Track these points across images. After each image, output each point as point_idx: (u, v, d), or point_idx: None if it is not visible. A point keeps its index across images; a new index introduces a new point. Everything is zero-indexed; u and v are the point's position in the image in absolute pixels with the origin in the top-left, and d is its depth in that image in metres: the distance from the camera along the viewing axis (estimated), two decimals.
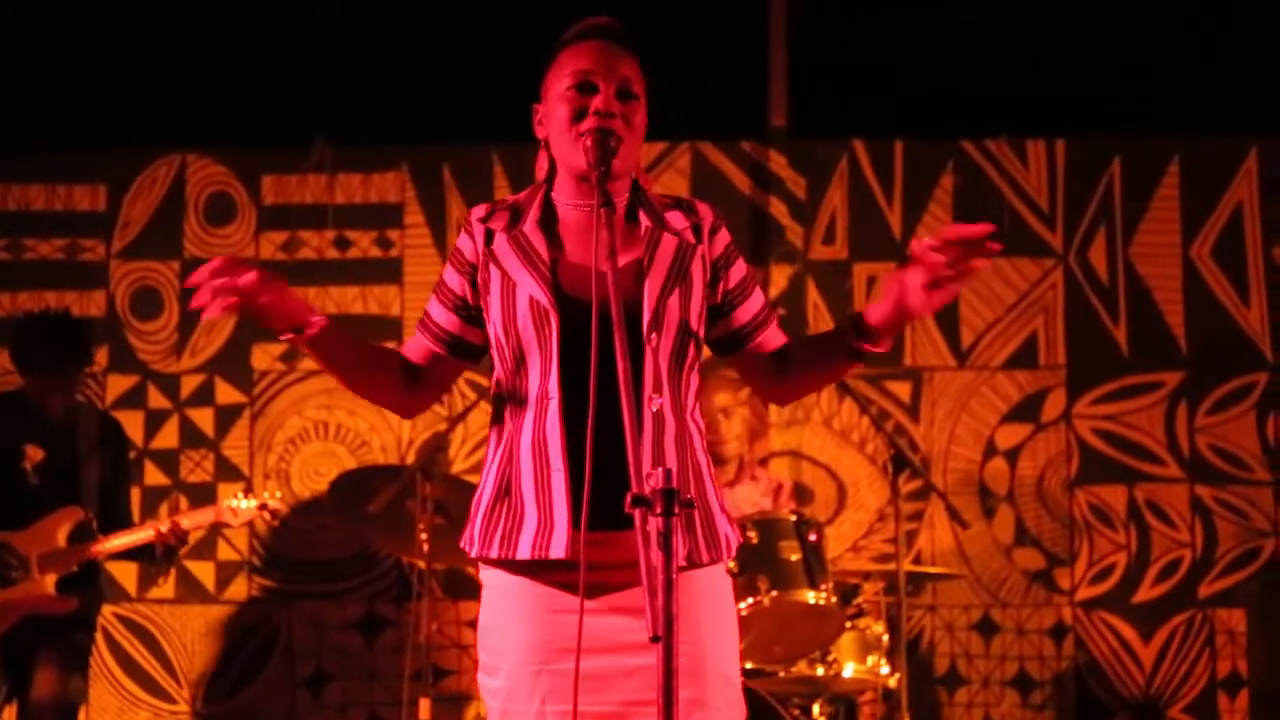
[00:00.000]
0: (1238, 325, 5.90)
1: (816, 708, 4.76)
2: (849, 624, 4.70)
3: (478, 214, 2.68)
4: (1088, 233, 5.96)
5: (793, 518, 4.64)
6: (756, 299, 2.74)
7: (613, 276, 2.37)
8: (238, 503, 5.07)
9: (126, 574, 5.86)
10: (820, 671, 4.67)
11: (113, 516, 5.14)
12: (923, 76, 5.80)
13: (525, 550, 2.52)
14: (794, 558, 4.53)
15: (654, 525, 2.09)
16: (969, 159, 6.00)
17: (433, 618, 5.00)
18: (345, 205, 6.08)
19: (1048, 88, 5.75)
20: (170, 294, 6.04)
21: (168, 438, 5.99)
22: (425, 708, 4.76)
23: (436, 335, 2.71)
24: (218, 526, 5.63)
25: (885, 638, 4.77)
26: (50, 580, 4.94)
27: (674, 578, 2.07)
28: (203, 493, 5.87)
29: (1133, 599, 5.78)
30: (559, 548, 2.49)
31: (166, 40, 5.86)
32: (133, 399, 5.99)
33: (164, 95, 5.85)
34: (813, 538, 4.59)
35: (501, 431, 2.62)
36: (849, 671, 4.69)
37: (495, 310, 2.59)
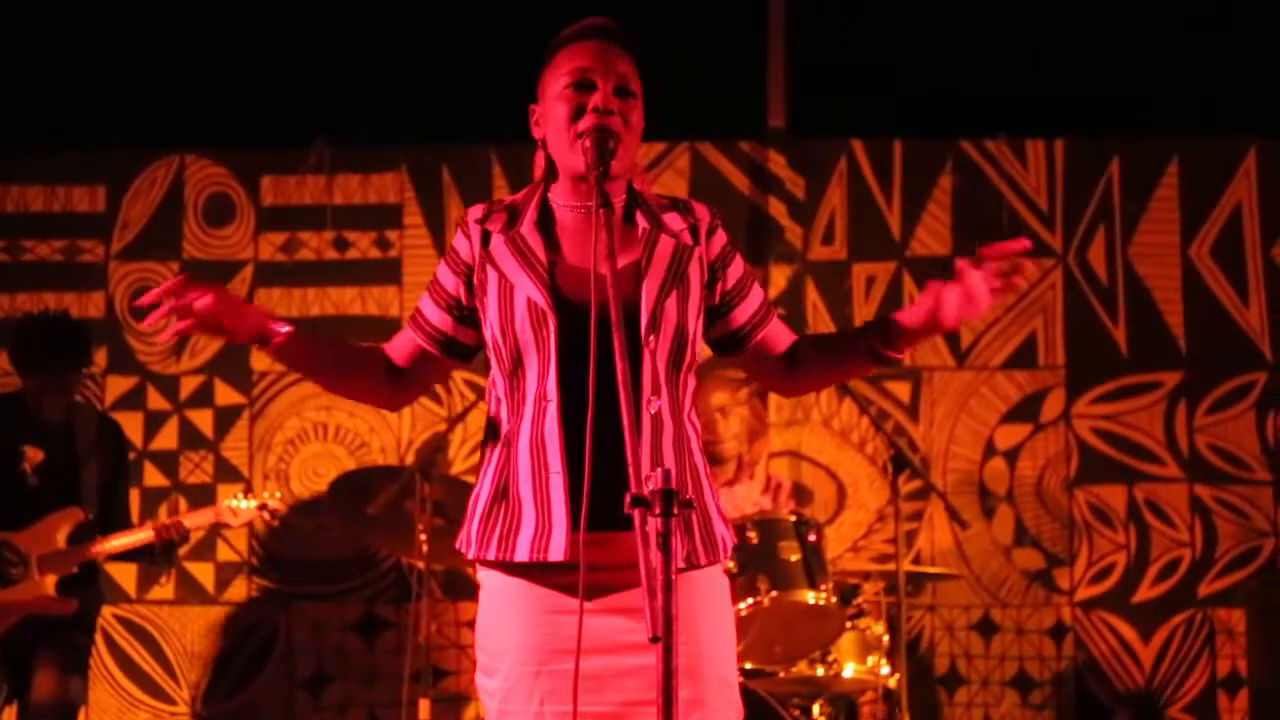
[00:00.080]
0: (1237, 325, 5.90)
1: (816, 708, 4.76)
2: (849, 624, 4.70)
3: (474, 215, 2.67)
4: (1087, 233, 5.96)
5: (792, 518, 4.64)
6: (755, 298, 2.73)
7: (612, 278, 2.36)
8: (237, 503, 5.08)
9: (126, 575, 5.86)
10: (820, 672, 4.67)
11: (112, 517, 5.14)
12: (922, 76, 5.80)
13: (524, 552, 2.52)
14: (794, 558, 4.53)
15: (653, 526, 2.09)
16: (968, 159, 5.99)
17: (432, 618, 5.00)
18: (344, 206, 6.08)
19: (1047, 88, 5.75)
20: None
21: (167, 439, 5.98)
22: (425, 708, 4.76)
23: (428, 334, 2.71)
24: (217, 527, 5.64)
25: (885, 638, 4.77)
26: (50, 581, 4.94)
27: (673, 578, 2.07)
28: (202, 494, 5.86)
29: (1132, 599, 5.78)
30: (558, 550, 2.49)
31: (166, 40, 5.86)
32: (132, 400, 5.99)
33: (163, 96, 5.85)
34: (812, 538, 4.59)
35: (498, 433, 2.61)
36: (849, 672, 4.69)
37: (492, 312, 2.58)
